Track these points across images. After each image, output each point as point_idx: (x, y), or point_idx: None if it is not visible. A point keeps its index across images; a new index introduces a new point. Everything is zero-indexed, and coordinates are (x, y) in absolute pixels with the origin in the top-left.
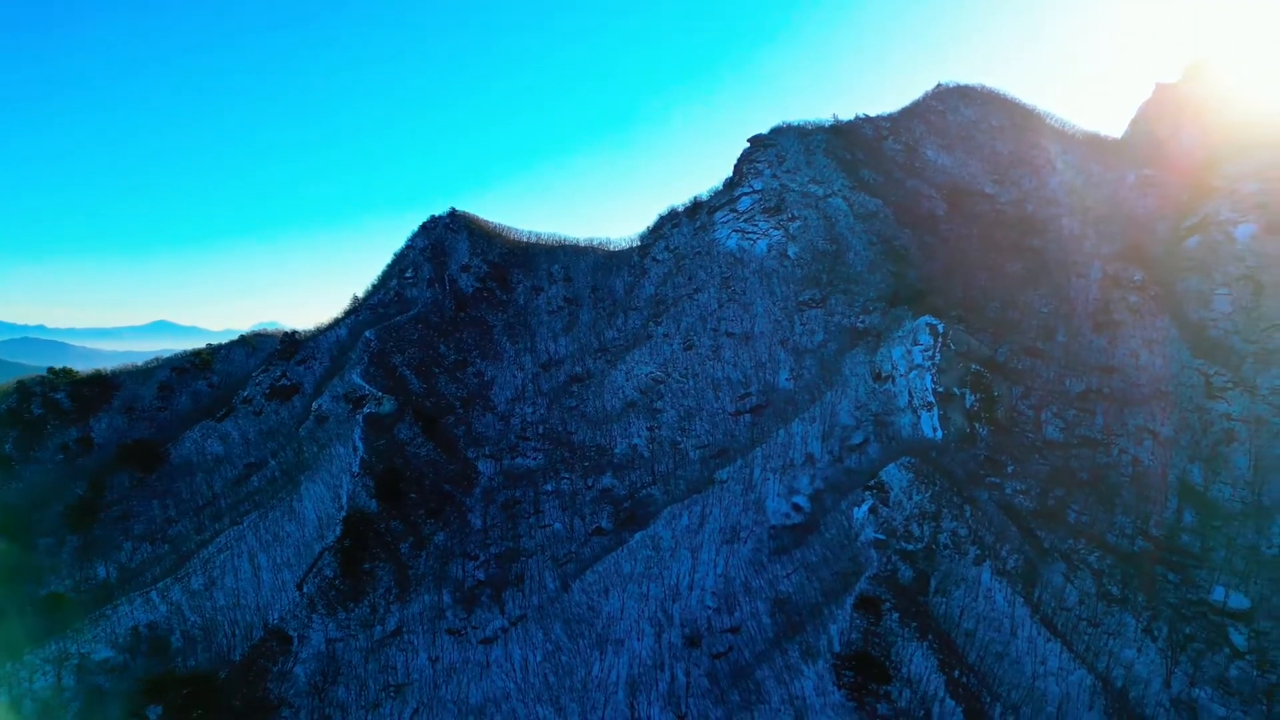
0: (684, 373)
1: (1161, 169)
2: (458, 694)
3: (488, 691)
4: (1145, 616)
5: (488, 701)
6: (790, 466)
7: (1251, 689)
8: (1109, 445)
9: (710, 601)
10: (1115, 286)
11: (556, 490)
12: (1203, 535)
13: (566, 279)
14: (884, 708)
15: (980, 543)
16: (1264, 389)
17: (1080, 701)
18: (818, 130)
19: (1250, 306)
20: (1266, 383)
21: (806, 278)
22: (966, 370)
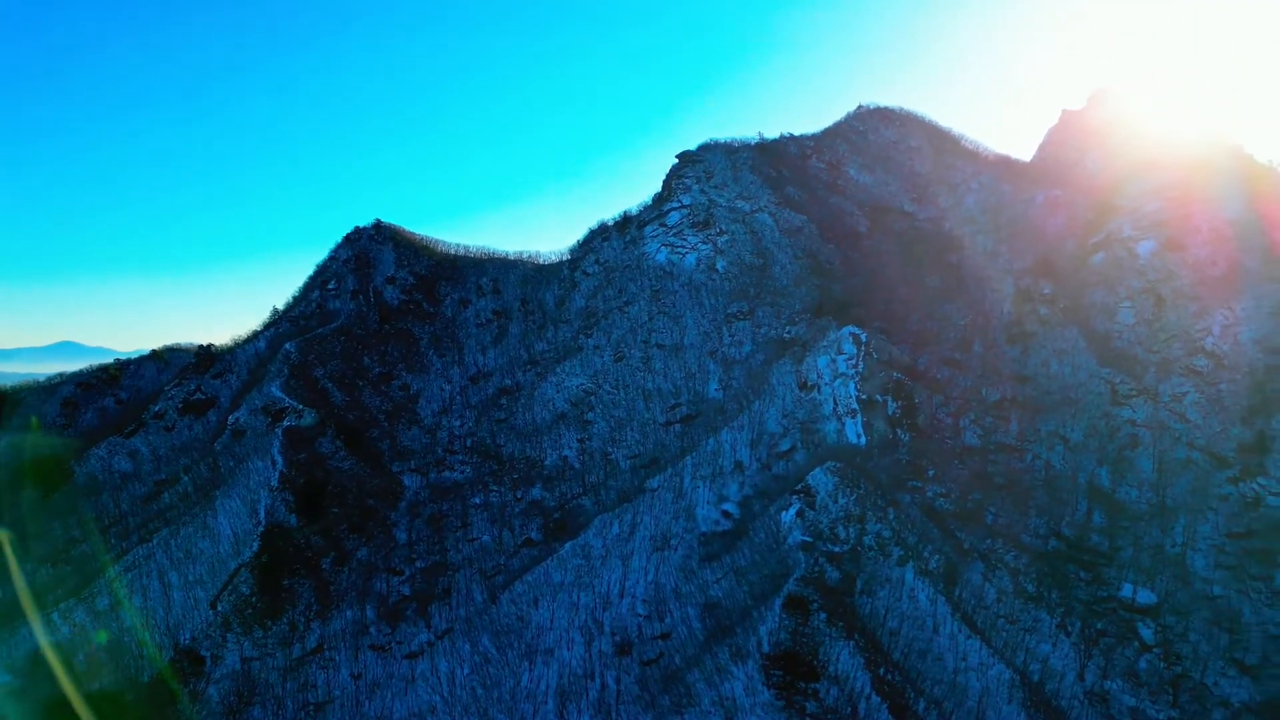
0: (615, 384)
1: (1068, 189)
2: (381, 710)
3: (413, 706)
4: (1059, 613)
5: (412, 716)
6: (720, 474)
7: (1159, 680)
8: (1023, 450)
9: (641, 609)
10: (1027, 300)
11: (485, 503)
12: (1111, 535)
13: (496, 292)
14: (812, 705)
15: (903, 544)
16: (1165, 396)
17: (1000, 695)
18: (744, 148)
19: (1152, 318)
20: (1167, 390)
21: (734, 291)
22: (888, 378)
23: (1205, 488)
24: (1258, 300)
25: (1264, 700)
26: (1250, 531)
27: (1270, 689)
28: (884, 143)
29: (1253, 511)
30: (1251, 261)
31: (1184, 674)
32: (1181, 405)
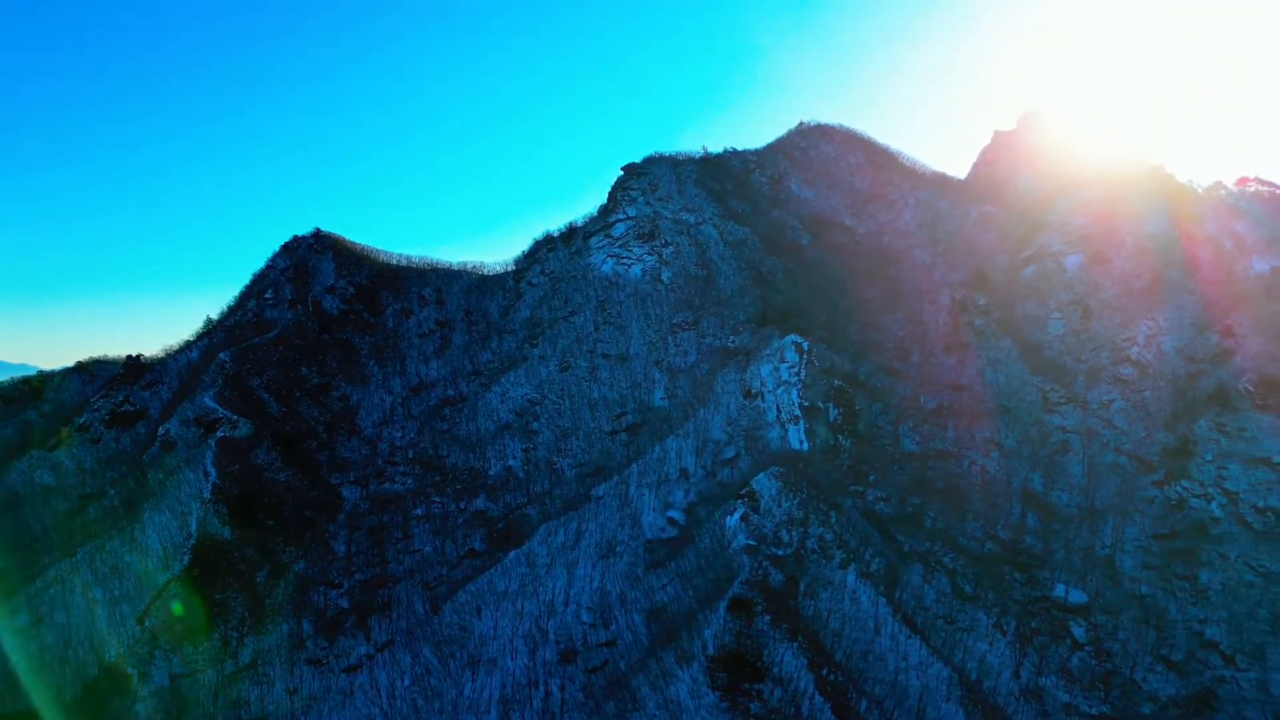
0: (560, 393)
1: (1000, 206)
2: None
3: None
4: (995, 613)
5: None
6: (665, 481)
7: (1091, 677)
8: (960, 457)
9: (586, 616)
10: (962, 312)
11: (427, 514)
12: (1044, 537)
13: (439, 302)
14: (756, 706)
15: (845, 547)
16: (1093, 403)
17: (939, 693)
18: (689, 161)
19: (1080, 329)
20: (1095, 398)
21: (680, 301)
22: (830, 385)
23: (1132, 491)
24: (1179, 311)
25: (1189, 695)
26: (1175, 533)
27: (1195, 684)
28: (825, 159)
29: (1177, 513)
30: (1173, 274)
31: (1114, 670)
32: (1109, 412)
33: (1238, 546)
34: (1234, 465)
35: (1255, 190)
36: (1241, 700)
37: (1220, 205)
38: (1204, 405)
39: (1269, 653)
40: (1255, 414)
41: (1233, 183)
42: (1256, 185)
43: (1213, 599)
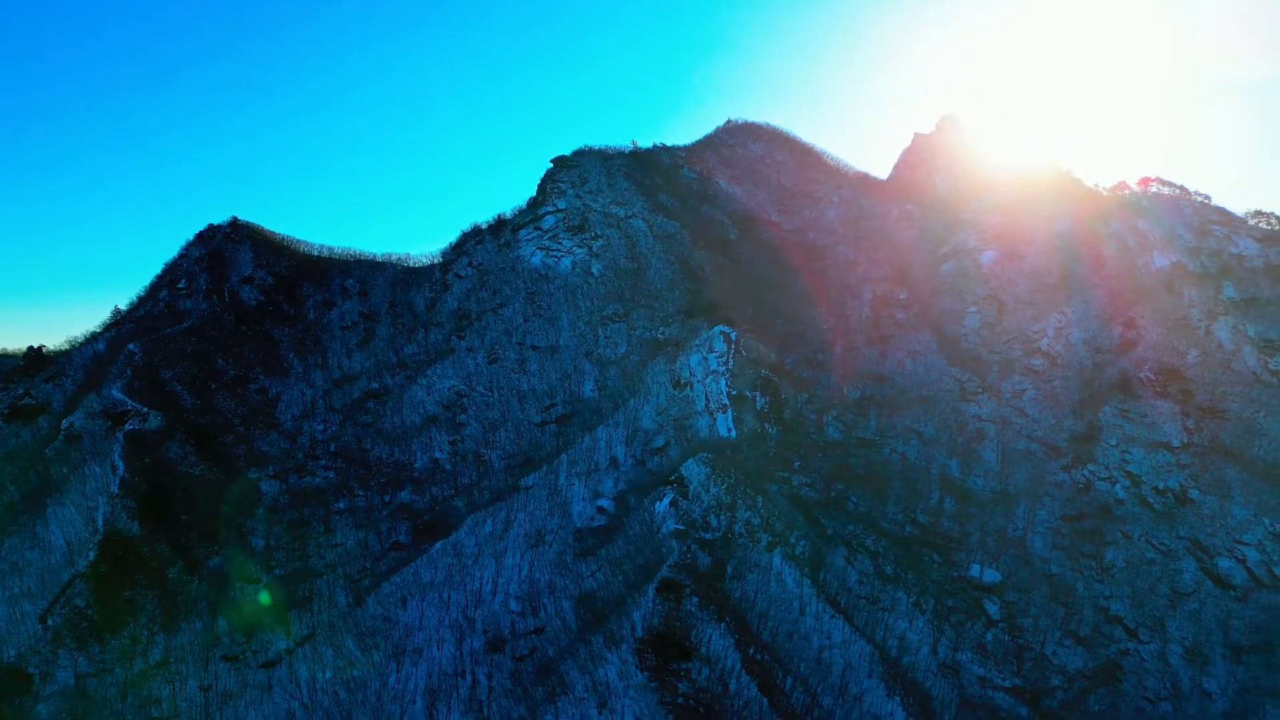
0: (489, 385)
1: (920, 205)
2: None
3: (269, 715)
4: (915, 592)
5: None
6: (595, 471)
7: (1004, 652)
8: (881, 444)
9: (515, 605)
10: (884, 306)
11: (350, 508)
12: (961, 521)
13: (363, 294)
14: (684, 685)
15: (772, 531)
16: (1007, 393)
17: (861, 669)
18: (619, 155)
19: (994, 322)
20: (1009, 388)
21: (610, 294)
22: (757, 375)
23: (1042, 475)
24: (1085, 304)
25: (1096, 667)
26: (1082, 514)
27: (1101, 656)
28: (752, 157)
29: (1084, 496)
30: (1080, 270)
31: (1026, 645)
32: (1021, 401)
33: (1140, 526)
34: (1136, 449)
35: (1156, 190)
36: (1144, 671)
37: (1124, 204)
38: (1109, 393)
39: (1169, 625)
40: (1155, 401)
41: (1135, 183)
42: (1157, 185)
43: (1117, 576)
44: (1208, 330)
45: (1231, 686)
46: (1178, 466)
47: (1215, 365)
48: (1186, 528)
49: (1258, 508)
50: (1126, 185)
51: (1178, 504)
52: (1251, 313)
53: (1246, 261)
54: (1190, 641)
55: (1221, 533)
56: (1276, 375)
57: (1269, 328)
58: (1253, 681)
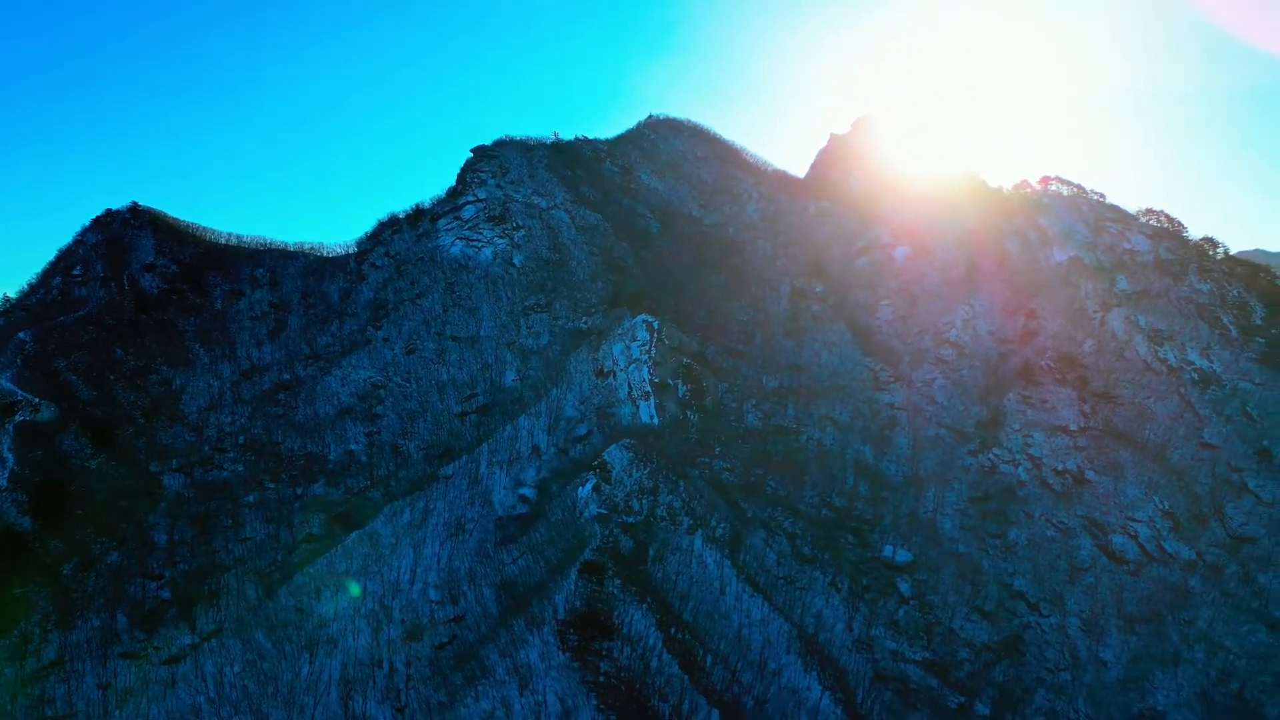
0: (406, 376)
1: (836, 202)
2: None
3: (173, 710)
4: (831, 572)
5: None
6: (517, 460)
7: (915, 627)
8: (798, 432)
9: (434, 594)
10: (801, 299)
11: (260, 501)
12: (874, 504)
13: (273, 283)
14: (606, 665)
15: (693, 514)
16: (918, 382)
17: (779, 646)
18: (540, 146)
19: (906, 315)
20: (919, 377)
21: (532, 284)
22: (679, 363)
23: (951, 460)
24: (991, 297)
25: (1000, 640)
26: (987, 496)
27: (1005, 630)
28: (673, 152)
29: (990, 479)
30: (986, 264)
31: (936, 621)
32: (931, 389)
33: (1041, 506)
34: (1037, 434)
35: (1055, 189)
36: (1044, 643)
37: (1026, 202)
38: (1012, 381)
39: (1067, 599)
40: (1055, 387)
41: (1037, 182)
42: (1057, 184)
43: (1020, 554)
44: (1102, 321)
45: (1124, 655)
46: (1075, 449)
47: (1109, 354)
48: (1083, 507)
49: (1148, 487)
50: (1028, 184)
51: (1075, 485)
52: (1143, 305)
53: (1138, 257)
54: (1087, 614)
55: (1115, 511)
56: (1165, 363)
57: (1158, 319)
58: (1143, 650)
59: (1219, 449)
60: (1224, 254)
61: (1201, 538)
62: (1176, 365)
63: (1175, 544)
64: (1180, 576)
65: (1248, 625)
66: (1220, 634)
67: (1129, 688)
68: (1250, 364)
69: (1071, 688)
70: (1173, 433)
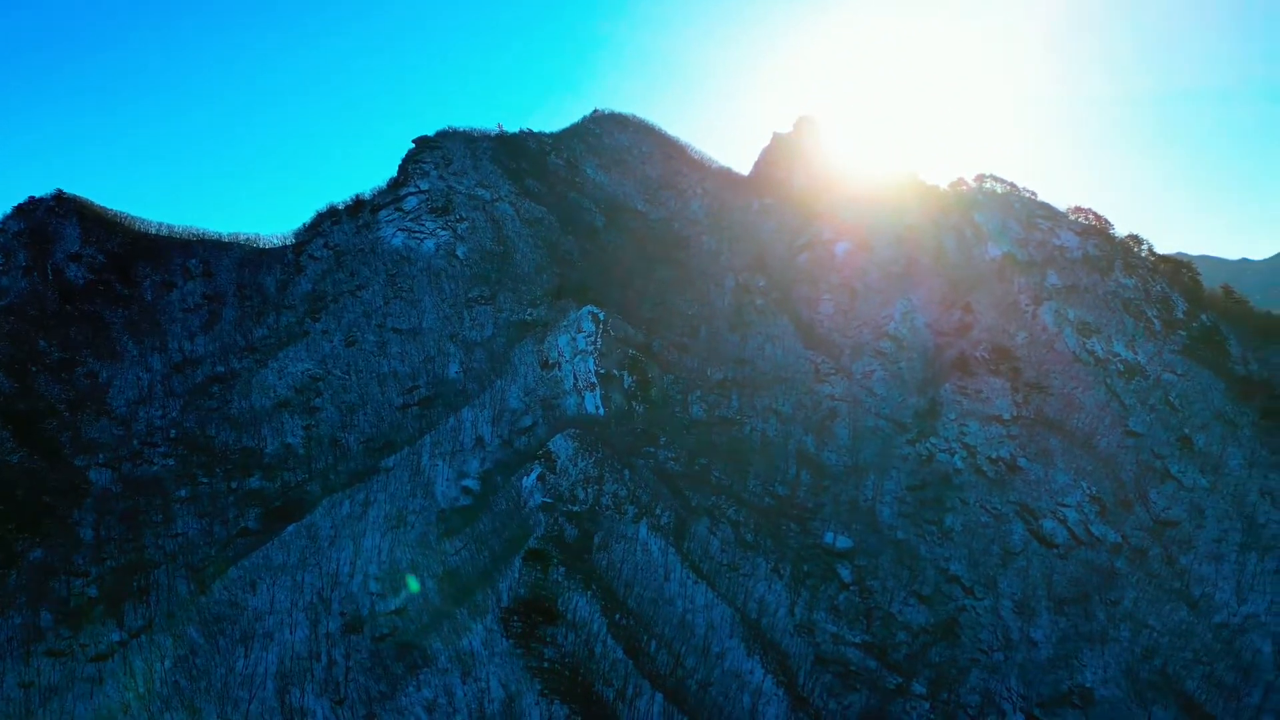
0: (346, 368)
1: (779, 199)
2: (60, 716)
3: (100, 708)
4: (773, 558)
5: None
6: (460, 451)
7: (855, 611)
8: (742, 422)
9: (375, 586)
10: (745, 293)
11: (193, 495)
12: (816, 492)
13: (206, 274)
14: (550, 651)
15: (638, 502)
16: (858, 374)
17: (723, 630)
18: (484, 138)
19: (847, 309)
20: (859, 369)
21: (475, 276)
22: (625, 355)
23: (889, 450)
24: (929, 292)
25: (937, 622)
26: (924, 484)
27: (941, 613)
28: (619, 146)
29: (926, 467)
30: (924, 259)
31: (875, 605)
32: (870, 381)
33: (975, 493)
34: (972, 423)
35: (990, 186)
36: (979, 625)
37: (961, 199)
38: (948, 372)
39: (1000, 582)
40: (989, 378)
41: (972, 178)
42: (991, 181)
43: (955, 539)
44: (1034, 314)
45: (1054, 635)
46: (1008, 438)
47: (1040, 346)
48: (1016, 493)
49: (1076, 473)
50: (964, 182)
51: (1008, 472)
52: (1072, 298)
53: (1068, 253)
54: (1019, 596)
55: (1046, 496)
56: (1092, 355)
57: (1086, 313)
58: (1072, 629)
59: (1143, 437)
60: (1148, 251)
61: (1127, 522)
62: (1103, 357)
63: (1102, 528)
64: (1107, 559)
65: (1170, 605)
66: (1144, 613)
67: (1058, 666)
68: (1172, 356)
69: (1004, 667)
70: (1100, 421)
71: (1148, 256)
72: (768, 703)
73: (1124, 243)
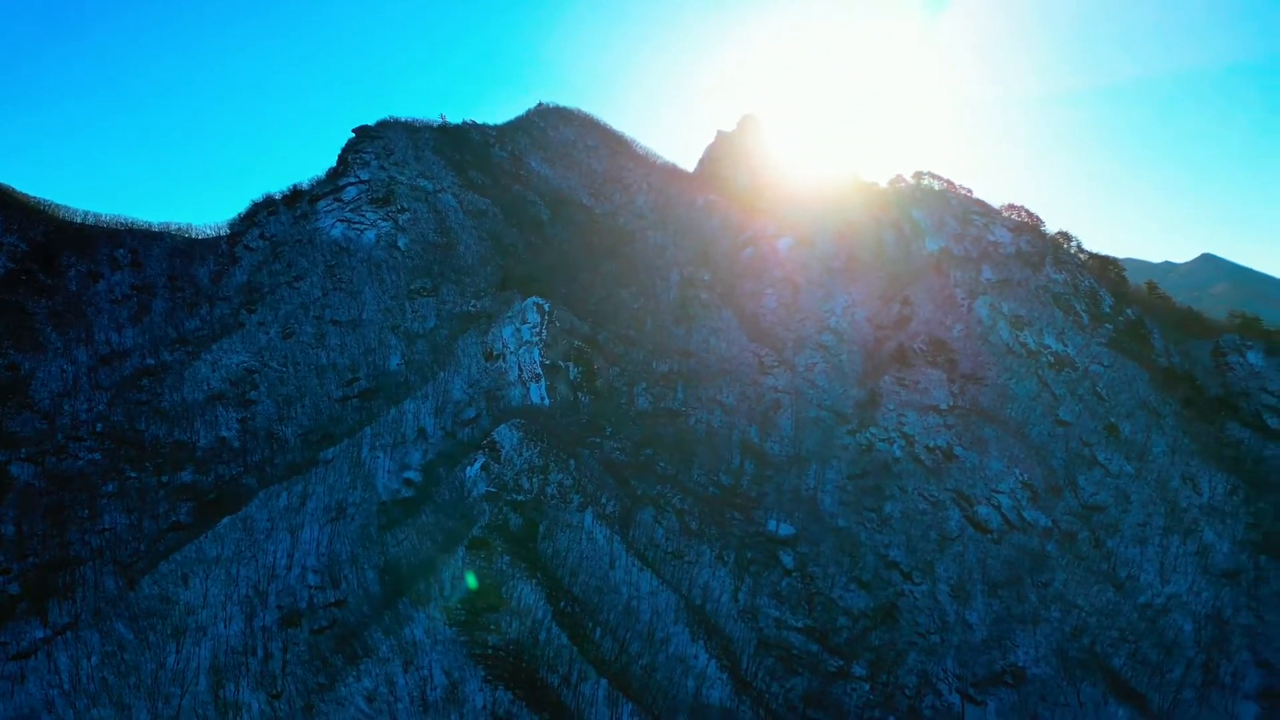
0: (283, 360)
1: (723, 196)
2: None
3: (22, 705)
4: (718, 546)
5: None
6: (402, 443)
7: (797, 597)
8: (687, 414)
9: (313, 579)
10: (690, 287)
11: (121, 490)
12: (759, 482)
13: (135, 265)
14: (494, 639)
15: (583, 492)
16: (800, 367)
17: (667, 616)
18: (427, 129)
19: (789, 302)
20: (802, 361)
21: (417, 268)
22: (570, 345)
23: (831, 440)
24: (869, 286)
25: (876, 607)
26: (865, 473)
27: (881, 597)
28: (564, 140)
29: (866, 456)
30: (864, 254)
31: (816, 590)
32: (813, 373)
33: (914, 480)
34: (910, 413)
35: (927, 183)
36: (917, 609)
37: (900, 196)
38: (888, 364)
39: (937, 567)
40: (927, 369)
41: (910, 176)
42: (929, 179)
43: (894, 526)
44: (969, 308)
45: (989, 617)
46: (945, 427)
47: (975, 338)
48: (952, 480)
49: (1010, 460)
50: (903, 179)
51: (945, 460)
52: (1005, 292)
53: (1001, 248)
54: (955, 580)
55: (980, 483)
56: (1025, 347)
57: (1019, 306)
58: (1005, 611)
59: (1072, 425)
60: (1077, 247)
61: (1057, 507)
62: (1035, 349)
63: (1034, 513)
64: (1038, 543)
65: (1097, 586)
66: (1073, 594)
67: (992, 647)
68: (1100, 348)
69: (941, 649)
70: (1031, 411)
71: (1076, 253)
72: (711, 686)
73: (1054, 239)
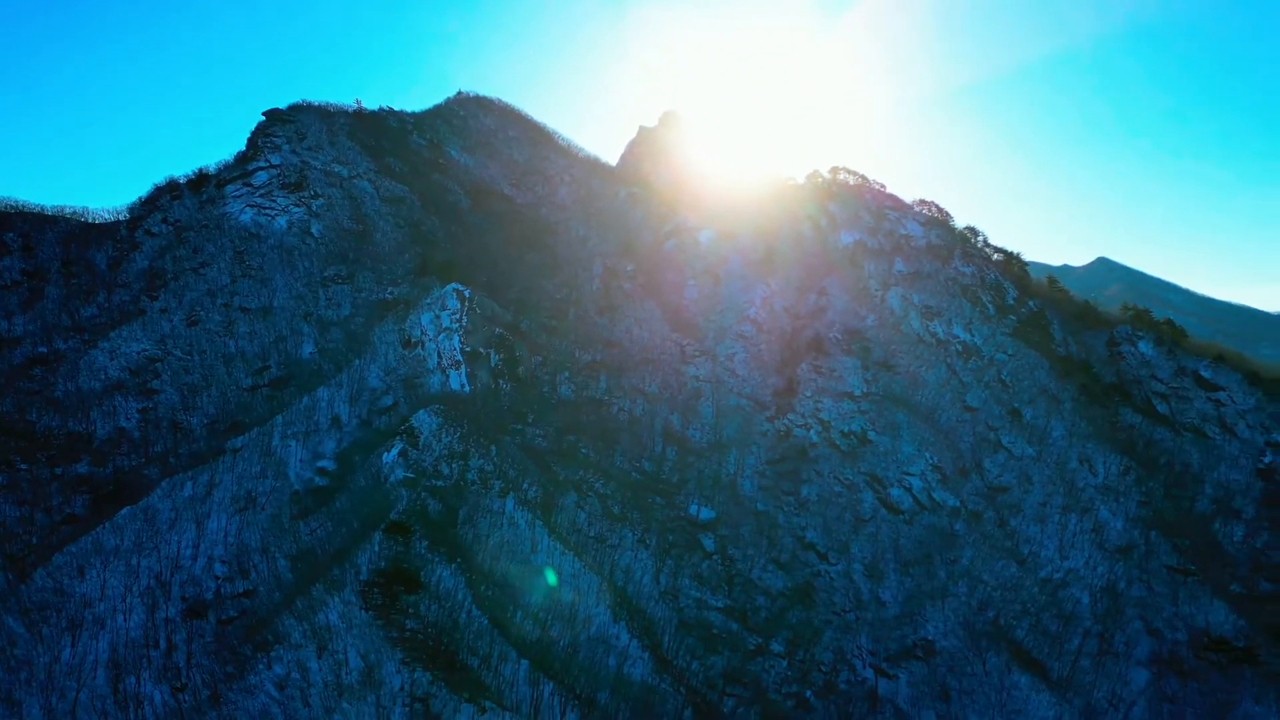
0: (188, 349)
1: (645, 189)
2: None
3: None
4: (640, 530)
5: None
6: (315, 432)
7: (718, 578)
8: (610, 402)
9: (220, 569)
10: (613, 278)
11: (11, 483)
12: (681, 468)
13: (26, 249)
14: (412, 623)
15: (505, 477)
16: (721, 355)
17: (590, 599)
18: (341, 114)
19: (711, 294)
20: (722, 350)
21: (332, 255)
22: (491, 333)
23: (750, 427)
24: (786, 277)
25: (794, 587)
26: (783, 458)
27: (798, 578)
28: (484, 129)
29: (784, 442)
30: (783, 247)
31: (736, 572)
32: (733, 363)
33: (829, 465)
34: (826, 400)
35: (844, 178)
36: (833, 588)
37: (817, 190)
38: (805, 352)
39: (852, 548)
40: (842, 357)
41: (827, 171)
42: (845, 173)
43: (811, 509)
44: (883, 299)
45: (901, 594)
46: (859, 413)
47: (889, 328)
48: (866, 464)
49: (920, 444)
50: (820, 174)
51: (859, 444)
52: (916, 284)
53: (913, 241)
54: (869, 560)
55: (893, 467)
56: (934, 337)
57: (929, 297)
58: (916, 588)
59: (978, 411)
60: (983, 242)
61: (964, 488)
62: (944, 338)
63: (943, 494)
64: (947, 522)
65: (1001, 562)
66: (979, 570)
67: (904, 622)
68: (1004, 338)
69: (855, 626)
70: (941, 397)
71: (983, 247)
72: (633, 664)
73: (963, 234)
